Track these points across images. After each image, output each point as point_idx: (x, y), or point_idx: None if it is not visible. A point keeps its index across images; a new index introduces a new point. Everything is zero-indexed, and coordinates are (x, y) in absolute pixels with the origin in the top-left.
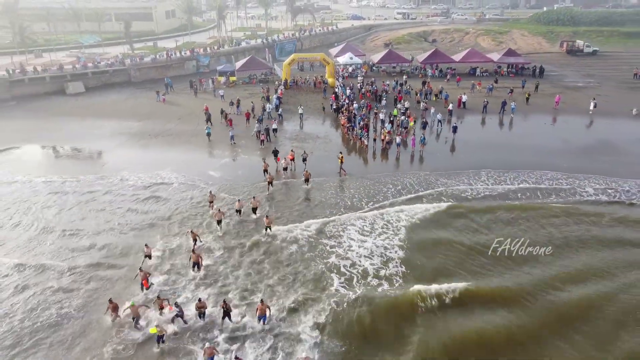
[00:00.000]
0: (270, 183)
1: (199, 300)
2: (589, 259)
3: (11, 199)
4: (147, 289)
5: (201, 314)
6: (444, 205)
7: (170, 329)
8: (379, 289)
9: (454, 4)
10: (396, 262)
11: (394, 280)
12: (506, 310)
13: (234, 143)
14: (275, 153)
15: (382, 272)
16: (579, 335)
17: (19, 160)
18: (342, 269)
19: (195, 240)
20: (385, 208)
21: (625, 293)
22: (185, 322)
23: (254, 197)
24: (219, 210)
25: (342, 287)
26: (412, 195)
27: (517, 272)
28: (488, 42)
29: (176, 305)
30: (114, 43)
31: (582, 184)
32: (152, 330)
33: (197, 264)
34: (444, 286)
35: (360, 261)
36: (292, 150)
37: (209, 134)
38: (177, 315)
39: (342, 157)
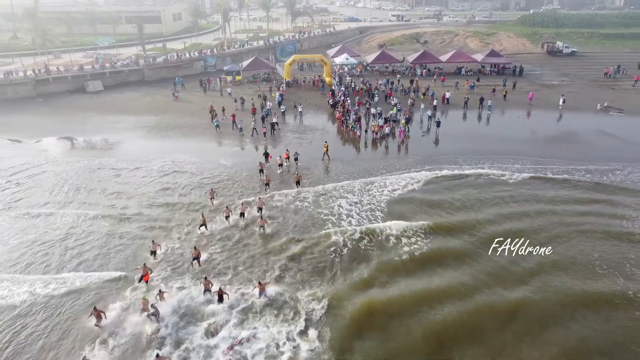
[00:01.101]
0: (267, 185)
1: (205, 278)
2: (524, 208)
3: (62, 174)
4: (147, 282)
5: (207, 290)
6: (420, 176)
7: (151, 328)
8: (366, 222)
9: (447, 5)
10: (380, 210)
11: (378, 219)
12: (455, 237)
13: (242, 134)
14: (266, 155)
15: (370, 215)
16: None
17: (56, 148)
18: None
19: (203, 224)
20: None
21: (547, 228)
22: (158, 321)
23: (259, 198)
24: (227, 207)
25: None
26: (397, 173)
27: (466, 217)
28: (476, 44)
29: (152, 306)
30: (126, 44)
31: (544, 167)
32: (147, 330)
33: (197, 259)
34: (412, 223)
35: (350, 210)
36: (287, 150)
37: (217, 126)
38: (153, 314)
39: (327, 145)
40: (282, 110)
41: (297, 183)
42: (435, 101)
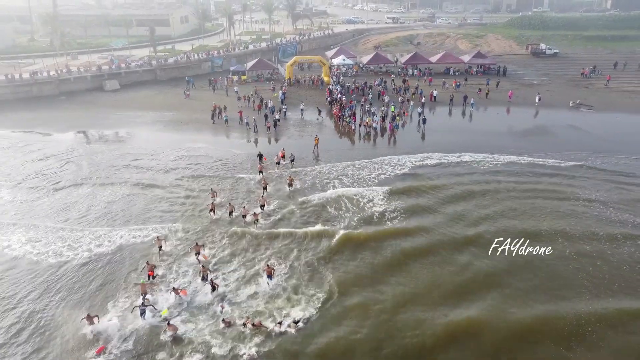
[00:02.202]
0: (265, 188)
1: (203, 267)
2: (484, 178)
3: (100, 155)
4: (153, 277)
5: (204, 277)
6: (407, 162)
7: (140, 322)
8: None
9: (441, 8)
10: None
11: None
12: (420, 196)
13: (249, 128)
14: (260, 156)
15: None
16: (461, 206)
17: (88, 138)
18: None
19: (212, 210)
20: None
21: (499, 190)
22: (144, 318)
23: (262, 196)
24: (230, 203)
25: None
26: (386, 159)
27: (434, 183)
28: (466, 45)
29: (143, 304)
30: (138, 46)
31: (516, 155)
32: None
33: (198, 254)
34: (391, 187)
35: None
36: (282, 149)
37: (226, 121)
38: (141, 314)
39: (317, 138)
40: (284, 109)
41: (290, 184)
42: (423, 99)
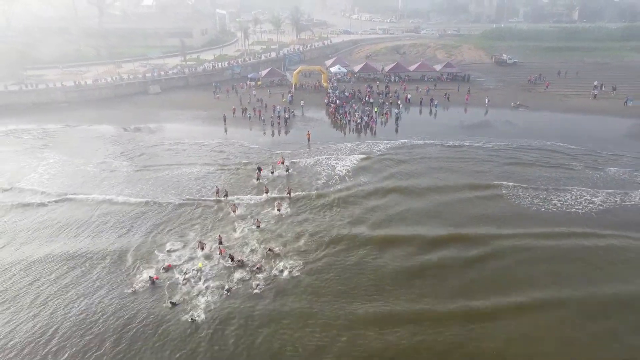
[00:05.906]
0: (266, 192)
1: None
2: (425, 149)
3: (148, 142)
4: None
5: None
6: (384, 144)
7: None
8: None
9: (429, 18)
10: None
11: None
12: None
13: (264, 123)
14: (259, 169)
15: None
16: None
17: (143, 130)
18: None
19: (225, 195)
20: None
21: (435, 156)
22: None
23: (278, 202)
24: (233, 204)
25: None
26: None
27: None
28: (443, 55)
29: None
30: (168, 55)
31: (458, 140)
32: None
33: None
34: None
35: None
36: (282, 157)
37: (250, 117)
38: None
39: (309, 133)
40: (291, 110)
41: (289, 194)
42: (399, 101)
